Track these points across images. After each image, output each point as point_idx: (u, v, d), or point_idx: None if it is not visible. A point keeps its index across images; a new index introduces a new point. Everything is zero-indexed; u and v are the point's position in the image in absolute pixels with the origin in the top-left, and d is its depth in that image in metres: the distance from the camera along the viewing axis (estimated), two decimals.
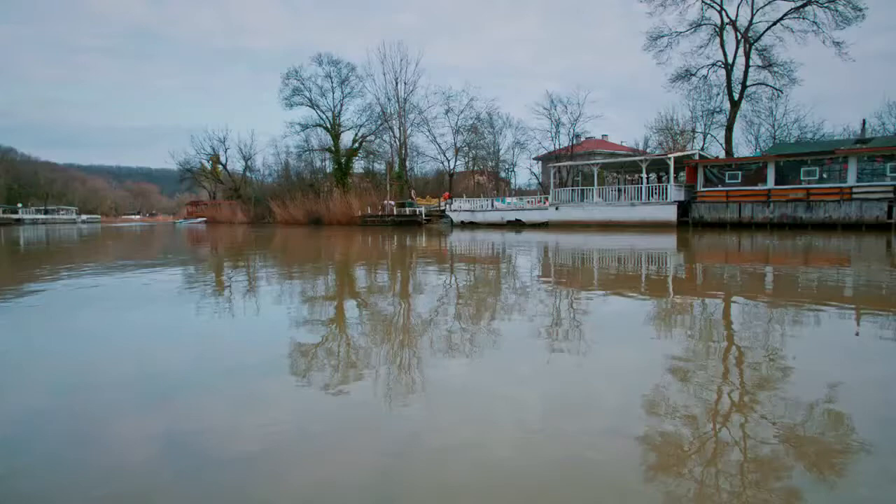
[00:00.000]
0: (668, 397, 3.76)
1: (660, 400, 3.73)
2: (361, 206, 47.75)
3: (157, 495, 2.86)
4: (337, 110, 56.71)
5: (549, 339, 5.81)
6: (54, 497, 2.88)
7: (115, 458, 3.29)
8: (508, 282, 11.01)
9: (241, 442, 3.46)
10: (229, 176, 77.52)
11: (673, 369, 4.42)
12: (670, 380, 4.15)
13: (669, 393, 3.84)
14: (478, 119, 51.73)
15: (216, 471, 3.09)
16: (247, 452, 3.31)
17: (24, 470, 3.15)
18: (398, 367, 5.05)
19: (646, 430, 3.23)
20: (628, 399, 3.82)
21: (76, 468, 3.17)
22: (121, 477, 3.03)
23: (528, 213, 35.55)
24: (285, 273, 13.98)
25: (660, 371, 4.37)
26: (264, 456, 3.26)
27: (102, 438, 3.59)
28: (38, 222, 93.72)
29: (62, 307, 9.00)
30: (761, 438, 3.07)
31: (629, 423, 3.39)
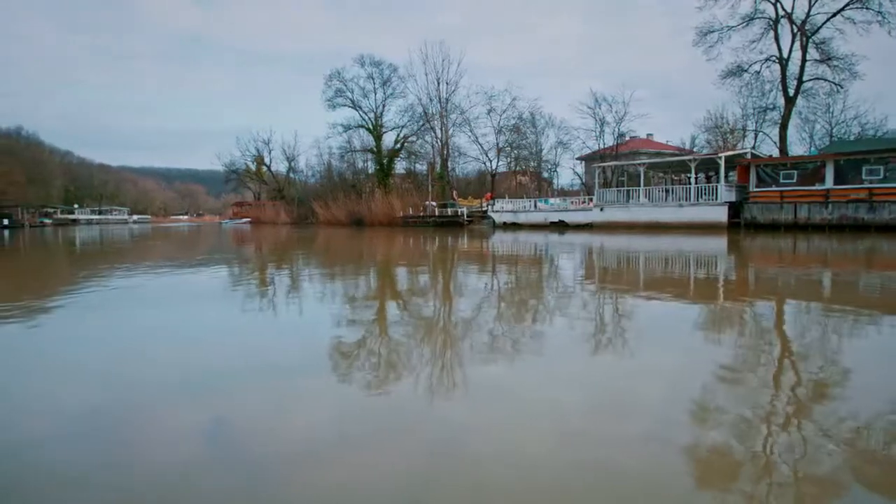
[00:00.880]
0: (714, 406, 3.65)
1: (704, 408, 3.62)
2: (403, 206, 48.05)
3: (199, 492, 2.92)
4: (379, 111, 57.32)
5: (591, 343, 5.74)
6: (97, 488, 2.98)
7: (158, 455, 3.38)
8: (550, 284, 10.90)
9: (281, 441, 3.52)
10: (273, 177, 79.26)
11: (720, 377, 4.29)
12: (717, 388, 4.03)
13: (715, 401, 3.73)
14: (520, 119, 51.45)
15: (257, 469, 3.15)
16: (287, 451, 3.36)
17: (74, 459, 3.28)
18: (437, 369, 5.07)
19: (687, 439, 3.15)
20: (670, 406, 3.72)
21: (121, 462, 3.27)
22: (164, 473, 3.12)
23: (571, 214, 35.11)
24: (327, 273, 14.21)
25: (705, 378, 4.25)
26: (304, 455, 3.31)
27: (147, 434, 3.70)
28: (93, 222, 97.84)
29: (114, 305, 9.33)
30: (815, 453, 2.95)
31: (670, 430, 3.30)
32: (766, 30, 39.70)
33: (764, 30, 39.79)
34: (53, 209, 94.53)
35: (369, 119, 57.55)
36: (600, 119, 48.01)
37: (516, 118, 51.32)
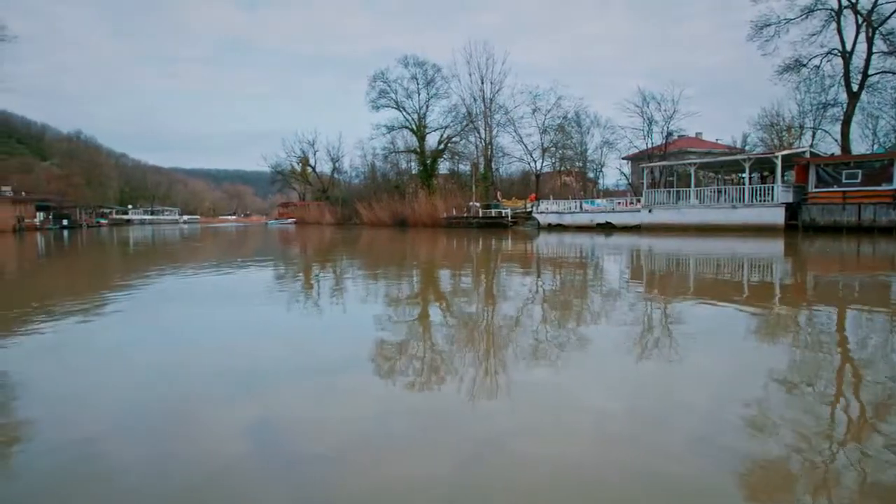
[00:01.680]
0: (767, 415, 3.56)
1: (757, 417, 3.54)
2: (446, 207, 48.16)
3: (246, 486, 3.04)
4: (422, 112, 57.60)
5: (637, 347, 5.68)
6: (148, 478, 3.13)
7: (204, 449, 3.53)
8: (596, 287, 10.78)
9: (325, 437, 3.64)
10: (318, 177, 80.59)
11: (774, 385, 4.18)
12: (771, 396, 3.94)
13: (768, 410, 3.64)
14: (565, 118, 50.90)
15: (302, 464, 3.26)
16: (331, 447, 3.47)
17: (123, 451, 3.46)
18: (481, 370, 5.11)
19: (736, 449, 3.08)
20: (720, 414, 3.66)
21: (170, 455, 3.42)
22: (209, 467, 3.24)
23: (618, 215, 34.51)
24: (371, 274, 14.40)
25: (759, 386, 4.15)
26: (348, 451, 3.41)
27: (194, 429, 3.86)
28: (145, 222, 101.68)
29: (166, 303, 9.79)
30: (875, 469, 2.84)
31: (719, 439, 3.25)
32: (828, 21, 38.14)
33: (825, 22, 38.24)
34: (109, 210, 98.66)
35: (413, 120, 57.98)
36: (648, 118, 47.06)
37: (561, 118, 50.84)
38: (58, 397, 4.54)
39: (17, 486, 3.06)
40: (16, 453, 3.50)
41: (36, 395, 4.61)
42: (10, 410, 4.30)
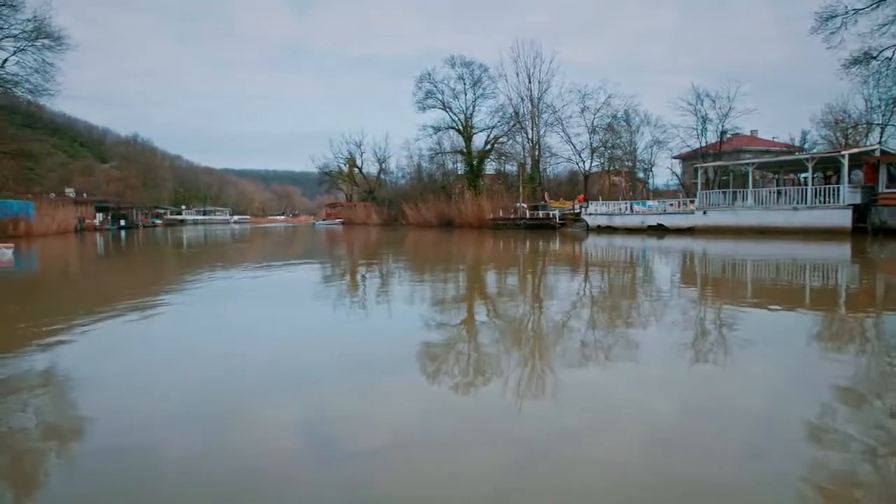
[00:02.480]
0: (829, 427, 3.46)
1: (818, 428, 3.45)
2: (493, 208, 48.04)
3: (290, 478, 3.17)
4: (469, 112, 57.60)
5: (692, 352, 5.60)
6: (198, 466, 3.32)
7: (254, 439, 3.70)
8: (648, 291, 10.61)
9: (369, 434, 3.73)
10: (364, 178, 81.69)
11: (838, 396, 4.05)
12: (833, 407, 3.82)
13: (831, 422, 3.54)
14: (614, 117, 50.01)
15: (345, 459, 3.36)
16: (375, 444, 3.56)
17: (176, 442, 3.65)
18: (528, 371, 5.14)
19: (794, 460, 3.02)
20: (777, 423, 3.59)
21: (219, 445, 3.59)
22: (257, 461, 3.38)
23: (671, 217, 33.72)
24: (418, 275, 14.60)
25: (820, 396, 4.04)
26: (391, 449, 3.49)
27: (244, 421, 4.04)
28: (198, 222, 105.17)
29: (219, 300, 10.22)
30: None
31: (775, 448, 3.18)
32: None
33: None
34: (164, 210, 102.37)
35: (459, 120, 58.06)
36: (702, 116, 45.72)
37: (611, 117, 50.01)
38: (116, 389, 4.81)
39: (79, 470, 3.28)
40: (78, 441, 3.74)
41: (97, 386, 4.90)
42: (73, 400, 4.59)
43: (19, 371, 5.38)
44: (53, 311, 8.83)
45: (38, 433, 3.90)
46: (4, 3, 32.32)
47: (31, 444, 3.73)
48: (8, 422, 4.07)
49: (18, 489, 3.11)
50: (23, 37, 33.66)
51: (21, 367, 5.53)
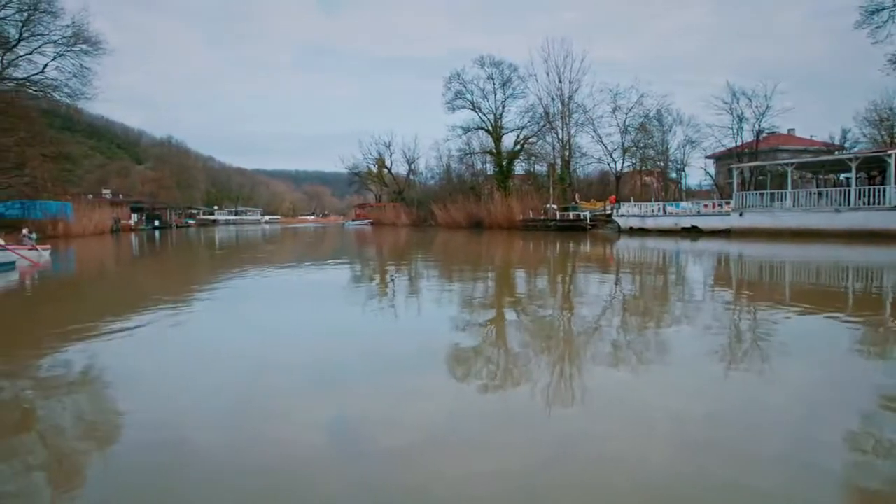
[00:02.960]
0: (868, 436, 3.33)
1: (856, 437, 3.34)
2: (523, 209, 47.75)
3: (318, 473, 3.23)
4: (499, 112, 57.31)
5: (724, 357, 5.51)
6: (229, 460, 3.40)
7: (284, 435, 3.79)
8: (680, 294, 10.44)
9: (397, 432, 3.78)
10: (394, 179, 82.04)
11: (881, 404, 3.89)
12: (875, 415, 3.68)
13: (870, 431, 3.41)
14: (646, 117, 49.16)
15: (372, 457, 3.40)
16: (403, 442, 3.61)
17: (207, 438, 3.76)
18: (557, 373, 5.13)
19: (828, 467, 2.93)
20: (812, 429, 3.51)
21: (250, 441, 3.69)
22: (286, 458, 3.45)
23: (705, 219, 33.07)
24: (447, 276, 14.57)
25: (861, 404, 3.91)
26: (419, 447, 3.53)
27: (272, 421, 4.12)
28: (230, 223, 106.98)
29: (250, 300, 10.37)
30: None
31: (813, 454, 3.12)
32: None
33: None
34: (197, 210, 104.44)
35: (489, 120, 57.85)
36: (738, 115, 44.65)
37: (643, 116, 49.22)
38: (150, 387, 4.99)
39: (115, 465, 3.40)
40: (114, 436, 3.89)
41: (132, 384, 5.07)
42: (109, 398, 4.77)
43: (58, 370, 5.58)
44: (88, 312, 9.09)
45: (78, 429, 4.06)
46: (45, 10, 33.37)
47: (71, 439, 3.87)
48: (49, 418, 4.26)
49: (59, 482, 3.22)
50: (62, 42, 34.76)
51: (60, 365, 5.73)
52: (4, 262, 14.28)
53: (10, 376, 5.34)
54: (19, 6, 32.63)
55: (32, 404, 4.61)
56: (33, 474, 3.31)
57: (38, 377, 5.35)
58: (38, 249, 17.54)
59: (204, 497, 2.97)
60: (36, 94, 35.41)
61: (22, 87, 34.62)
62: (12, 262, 14.64)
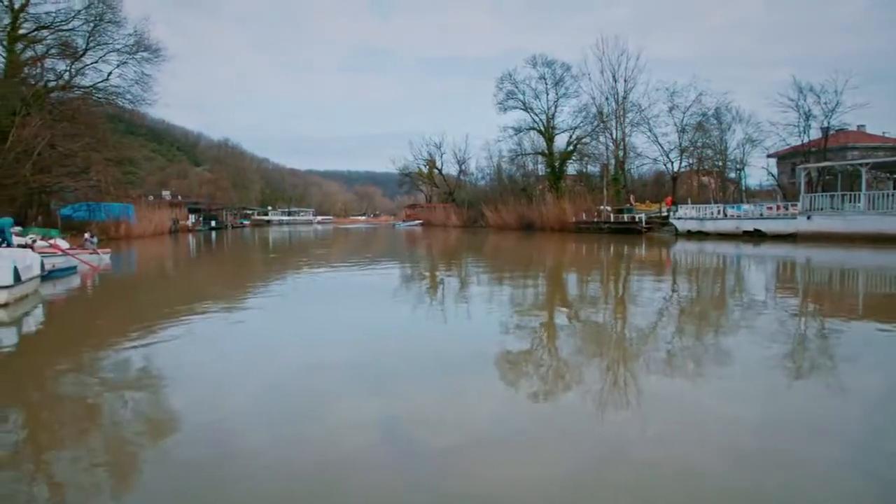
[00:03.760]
0: None
1: None
2: (575, 211, 46.97)
3: (368, 472, 3.26)
4: (551, 112, 56.50)
5: (785, 366, 5.34)
6: (279, 458, 3.48)
7: (334, 433, 3.87)
8: (740, 301, 10.06)
9: (446, 432, 3.80)
10: (444, 179, 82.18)
11: None
12: None
13: None
14: (704, 116, 47.39)
15: (421, 457, 3.43)
16: (449, 443, 3.61)
17: (254, 435, 3.89)
18: (608, 378, 5.08)
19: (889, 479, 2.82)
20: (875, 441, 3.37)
21: (300, 439, 3.78)
22: (339, 450, 3.54)
23: (769, 222, 31.66)
24: (497, 278, 14.38)
25: None
26: (466, 448, 3.53)
27: (325, 415, 4.23)
28: (283, 223, 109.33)
29: (303, 299, 10.55)
30: None
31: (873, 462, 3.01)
32: None
33: None
34: (251, 211, 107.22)
35: (541, 121, 57.14)
36: (805, 112, 42.51)
37: (701, 115, 47.51)
38: (204, 383, 5.23)
39: (167, 458, 3.56)
40: (167, 430, 4.08)
41: (187, 381, 5.35)
42: (165, 394, 5.02)
43: (117, 368, 5.91)
44: (146, 313, 9.37)
45: (135, 423, 4.30)
46: (110, 20, 34.84)
47: (129, 433, 4.09)
48: (109, 414, 4.53)
49: (116, 473, 3.42)
50: (125, 51, 36.27)
51: (119, 364, 6.06)
52: (67, 267, 14.86)
53: (74, 374, 5.75)
54: (86, 17, 34.19)
55: (94, 399, 4.91)
56: (92, 465, 3.52)
57: (100, 375, 5.70)
58: (98, 253, 18.18)
59: (252, 494, 3.05)
60: (100, 101, 37.01)
61: (88, 95, 36.27)
62: (74, 267, 15.22)
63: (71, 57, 34.65)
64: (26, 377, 5.62)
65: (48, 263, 13.18)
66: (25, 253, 10.84)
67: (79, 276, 14.62)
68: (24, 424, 4.32)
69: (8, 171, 28.42)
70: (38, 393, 5.14)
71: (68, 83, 35.58)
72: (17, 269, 9.17)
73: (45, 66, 34.95)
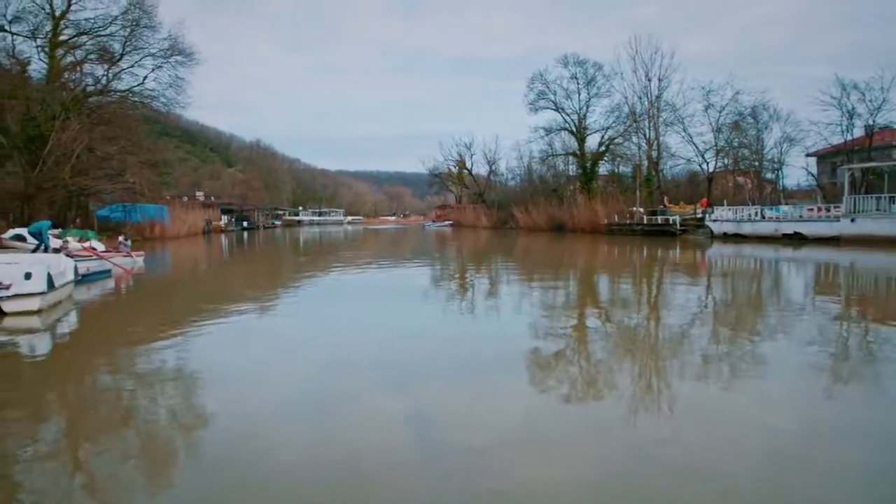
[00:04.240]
0: None
1: None
2: (607, 212, 46.26)
3: (395, 469, 3.29)
4: (583, 112, 55.64)
5: (826, 374, 5.24)
6: (307, 455, 3.55)
7: (362, 432, 3.90)
8: (777, 304, 9.83)
9: (474, 433, 3.80)
10: (474, 180, 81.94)
11: None
12: None
13: None
14: (740, 115, 46.05)
15: (449, 456, 3.44)
16: (479, 443, 3.61)
17: (285, 433, 3.94)
18: (640, 382, 5.03)
19: None
20: None
21: (328, 437, 3.84)
22: (361, 453, 3.52)
23: (810, 224, 30.64)
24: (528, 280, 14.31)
25: None
26: (495, 448, 3.54)
27: (353, 414, 4.28)
28: (314, 223, 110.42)
29: (332, 299, 10.62)
30: None
31: None
32: None
33: None
34: (283, 212, 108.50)
35: (572, 121, 56.37)
36: (848, 110, 41.02)
37: (737, 114, 46.20)
38: (234, 380, 5.38)
39: (197, 455, 3.66)
40: (199, 426, 4.21)
41: (217, 378, 5.49)
42: (197, 390, 5.16)
43: (151, 365, 6.10)
44: (180, 313, 9.53)
45: (169, 419, 4.43)
46: (146, 25, 35.55)
47: (163, 428, 4.25)
48: (143, 410, 4.70)
49: (150, 471, 3.53)
50: (160, 55, 36.94)
51: (152, 361, 6.25)
52: (101, 271, 15.08)
53: (111, 372, 6.04)
54: (123, 23, 34.93)
55: (130, 395, 5.12)
56: (128, 459, 3.66)
57: (135, 372, 5.92)
58: (132, 256, 18.47)
59: (283, 490, 3.10)
60: (136, 104, 37.74)
61: (124, 98, 37.05)
62: (108, 270, 15.45)
63: (108, 62, 35.46)
64: (59, 382, 5.70)
65: (82, 267, 13.37)
66: (59, 258, 10.99)
67: (113, 280, 14.83)
68: (58, 426, 4.43)
69: (48, 175, 29.21)
70: (74, 394, 5.28)
71: (105, 87, 36.45)
72: (50, 275, 9.26)
73: (83, 71, 35.90)
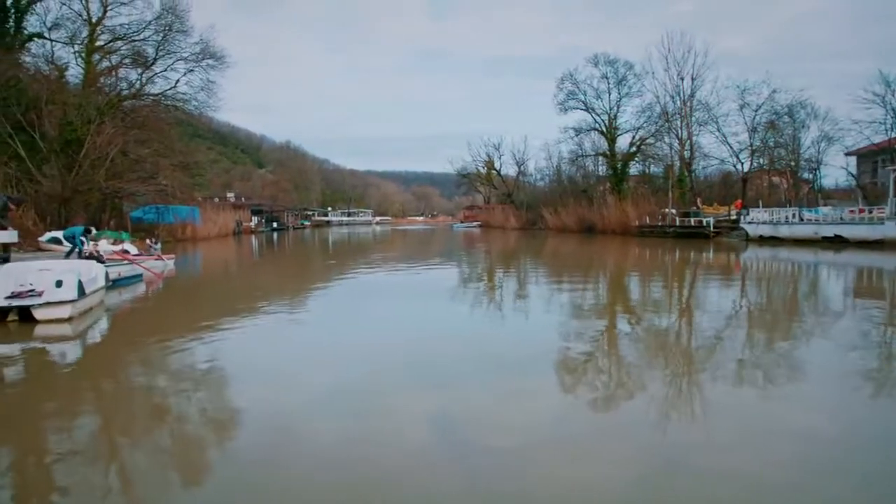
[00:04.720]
0: None
1: None
2: (638, 214, 45.49)
3: (424, 467, 3.36)
4: (613, 112, 54.77)
5: (866, 381, 5.12)
6: (337, 454, 3.57)
7: (392, 431, 3.94)
8: (817, 309, 9.63)
9: (502, 433, 3.83)
10: (502, 181, 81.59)
11: None
12: None
13: None
14: (775, 114, 44.73)
15: (477, 455, 3.47)
16: (507, 444, 3.63)
17: (314, 430, 4.03)
18: (671, 386, 4.97)
19: None
20: None
21: (358, 437, 3.85)
22: (396, 447, 3.63)
23: (851, 227, 29.61)
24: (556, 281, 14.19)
25: None
26: (523, 449, 3.54)
27: (382, 413, 4.32)
28: (343, 224, 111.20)
29: (361, 299, 10.74)
30: None
31: None
32: None
33: None
34: (312, 212, 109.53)
35: (602, 121, 55.62)
36: (893, 107, 39.53)
37: (773, 113, 44.90)
38: (265, 379, 5.48)
39: (227, 452, 3.76)
40: (228, 424, 4.30)
41: (248, 376, 5.61)
42: (228, 388, 5.30)
43: (183, 364, 6.29)
44: (212, 320, 9.52)
45: (201, 417, 4.56)
46: (178, 29, 36.22)
47: (195, 425, 4.39)
48: (176, 408, 4.83)
49: (183, 464, 3.65)
50: (191, 59, 37.62)
51: (185, 361, 6.43)
52: (133, 275, 15.26)
53: (145, 370, 6.22)
54: (157, 28, 35.63)
55: (163, 394, 5.28)
56: (160, 456, 3.76)
57: (169, 371, 6.12)
58: (163, 259, 18.65)
59: (313, 486, 3.17)
60: (169, 108, 38.42)
61: (157, 102, 37.80)
62: (139, 275, 15.62)
63: (142, 66, 36.23)
64: (91, 387, 5.81)
65: (114, 272, 13.53)
66: (90, 265, 11.10)
67: (144, 284, 14.98)
68: (92, 427, 4.54)
69: (84, 178, 29.86)
70: (108, 396, 5.42)
71: (139, 91, 37.22)
72: (81, 282, 9.32)
73: (118, 75, 36.73)
